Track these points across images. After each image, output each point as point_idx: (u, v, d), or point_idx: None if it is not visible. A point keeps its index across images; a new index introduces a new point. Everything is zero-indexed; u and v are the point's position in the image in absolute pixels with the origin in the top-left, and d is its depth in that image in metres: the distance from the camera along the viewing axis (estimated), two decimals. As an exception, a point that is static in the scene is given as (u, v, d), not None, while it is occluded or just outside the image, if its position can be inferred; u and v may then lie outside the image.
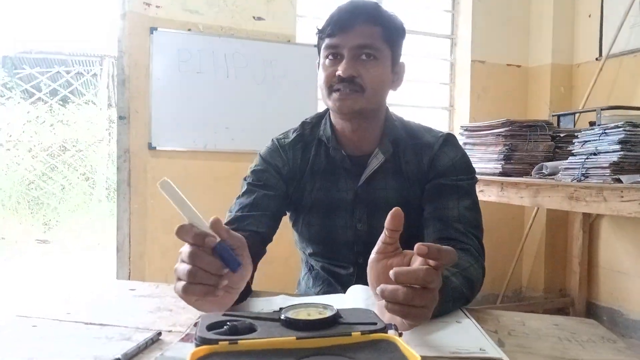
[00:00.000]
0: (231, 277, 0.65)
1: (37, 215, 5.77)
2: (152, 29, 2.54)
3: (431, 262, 0.61)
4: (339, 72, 0.97)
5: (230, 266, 0.64)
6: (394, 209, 0.68)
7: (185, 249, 0.65)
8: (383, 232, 0.69)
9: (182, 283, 0.64)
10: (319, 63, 1.07)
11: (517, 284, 3.37)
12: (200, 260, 0.63)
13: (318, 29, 1.05)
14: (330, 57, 1.01)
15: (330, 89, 1.01)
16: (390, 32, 1.02)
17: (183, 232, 0.64)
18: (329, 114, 1.12)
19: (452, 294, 0.79)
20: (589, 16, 3.11)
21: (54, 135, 6.42)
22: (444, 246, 0.61)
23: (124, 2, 2.50)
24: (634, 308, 2.83)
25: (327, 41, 1.01)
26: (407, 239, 1.07)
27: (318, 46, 1.06)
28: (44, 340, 0.67)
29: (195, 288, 0.63)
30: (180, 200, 0.63)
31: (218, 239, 0.64)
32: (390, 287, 0.61)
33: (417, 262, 0.64)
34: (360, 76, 0.98)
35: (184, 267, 0.64)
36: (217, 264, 0.63)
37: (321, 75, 1.03)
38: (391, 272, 0.60)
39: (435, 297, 0.64)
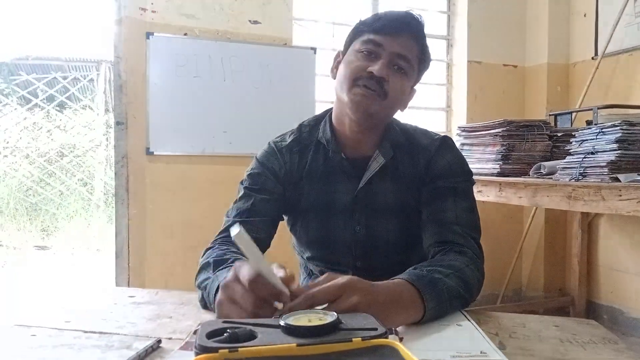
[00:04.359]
0: None
1: (35, 221, 5.76)
2: (149, 34, 2.54)
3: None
4: (373, 69, 0.96)
5: None
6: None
7: (246, 296, 0.66)
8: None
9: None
10: (339, 53, 1.05)
11: (516, 283, 3.37)
12: (261, 312, 0.65)
13: (360, 20, 1.03)
14: (365, 51, 0.99)
15: (354, 82, 0.98)
16: (424, 57, 1.03)
17: (259, 287, 0.65)
18: (329, 116, 1.11)
19: (447, 294, 0.79)
20: (584, 15, 3.12)
21: (51, 141, 6.41)
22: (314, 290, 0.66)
23: (120, 8, 2.50)
24: (634, 306, 2.83)
25: (370, 36, 0.99)
26: (406, 243, 1.08)
27: (350, 38, 1.04)
28: (43, 350, 0.67)
29: None
30: (254, 253, 0.64)
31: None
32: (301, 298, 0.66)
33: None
34: (388, 82, 0.97)
35: (240, 313, 0.66)
36: (272, 312, 0.66)
37: (347, 67, 1.00)
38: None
39: (368, 290, 0.69)
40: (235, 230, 0.62)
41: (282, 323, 0.57)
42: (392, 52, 0.97)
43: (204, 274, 0.88)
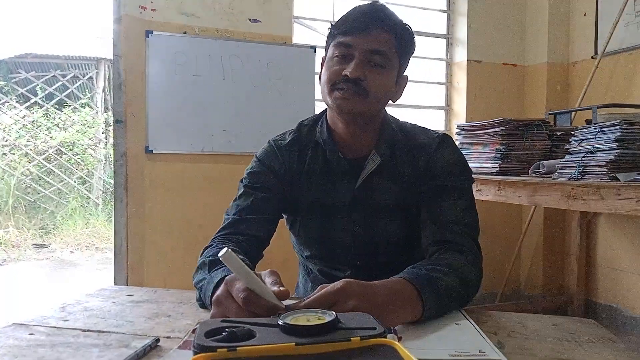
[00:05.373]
0: None
1: (34, 219, 5.75)
2: (148, 32, 2.53)
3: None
4: (347, 72, 0.96)
5: None
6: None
7: (240, 314, 0.65)
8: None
9: None
10: (324, 58, 1.05)
11: (515, 282, 3.38)
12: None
13: (331, 24, 1.03)
14: (339, 55, 0.99)
15: (333, 86, 0.99)
16: (403, 44, 1.01)
17: (254, 305, 0.64)
18: (326, 116, 1.10)
19: (446, 293, 0.79)
20: (584, 15, 3.12)
21: (50, 139, 6.41)
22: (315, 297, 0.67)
23: (120, 6, 2.50)
24: (632, 305, 2.83)
25: (339, 39, 0.99)
26: (406, 242, 1.08)
27: (327, 42, 1.05)
28: (41, 348, 0.67)
29: None
30: (245, 272, 0.64)
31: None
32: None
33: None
34: (366, 80, 0.97)
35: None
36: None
37: (325, 73, 1.01)
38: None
39: (365, 292, 0.69)
40: (222, 252, 0.62)
41: (280, 322, 0.57)
42: (364, 50, 0.97)
43: (200, 274, 0.88)
